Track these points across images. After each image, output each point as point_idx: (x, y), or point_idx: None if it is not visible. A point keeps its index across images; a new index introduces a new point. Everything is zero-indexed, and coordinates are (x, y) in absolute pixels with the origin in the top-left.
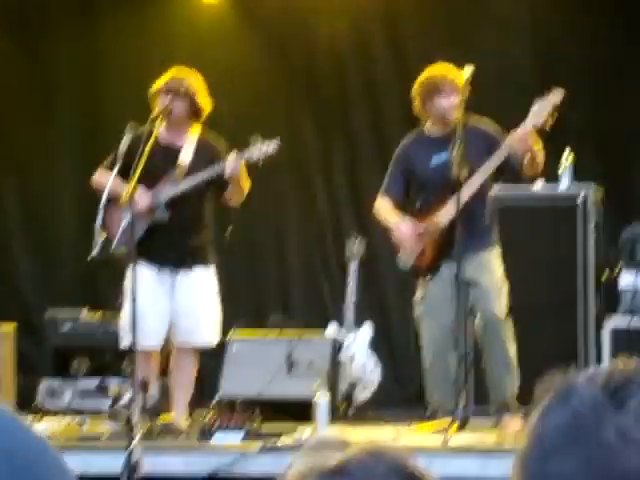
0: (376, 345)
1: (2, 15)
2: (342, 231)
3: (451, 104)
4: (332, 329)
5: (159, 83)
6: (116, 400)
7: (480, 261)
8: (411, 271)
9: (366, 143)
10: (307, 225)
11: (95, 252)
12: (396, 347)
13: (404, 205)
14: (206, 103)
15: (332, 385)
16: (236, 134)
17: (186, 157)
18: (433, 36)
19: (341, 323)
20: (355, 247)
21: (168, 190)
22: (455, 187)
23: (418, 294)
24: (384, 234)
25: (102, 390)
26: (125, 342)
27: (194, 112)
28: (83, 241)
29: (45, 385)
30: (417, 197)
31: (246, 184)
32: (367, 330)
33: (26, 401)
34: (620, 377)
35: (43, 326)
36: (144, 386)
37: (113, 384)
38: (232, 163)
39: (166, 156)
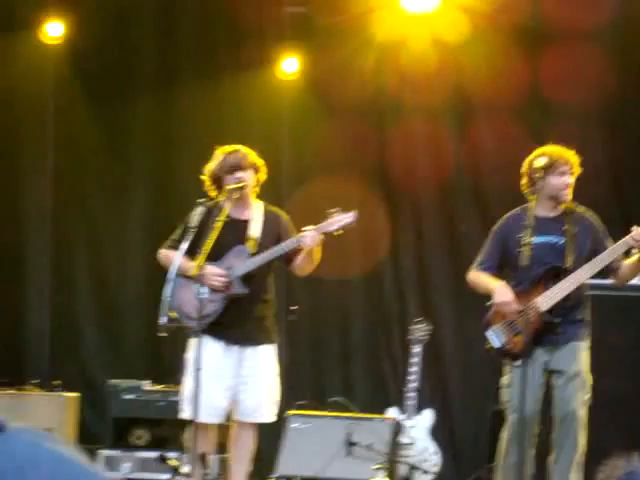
0: (437, 432)
1: (83, 80)
2: (407, 314)
3: (566, 183)
4: (393, 411)
5: (219, 163)
6: (175, 472)
7: (571, 351)
8: (499, 353)
9: (432, 227)
10: (372, 307)
11: (163, 321)
12: (457, 435)
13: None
14: (265, 171)
15: (391, 468)
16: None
17: (256, 230)
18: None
19: (402, 408)
20: (419, 331)
21: (243, 264)
22: (560, 273)
23: (505, 379)
24: (454, 308)
25: (161, 462)
26: (185, 414)
27: (256, 182)
28: (149, 313)
29: (104, 455)
30: (514, 276)
31: (318, 255)
32: (428, 416)
33: None
34: None
35: (105, 396)
36: (203, 459)
37: (172, 456)
38: (310, 235)
39: (233, 230)
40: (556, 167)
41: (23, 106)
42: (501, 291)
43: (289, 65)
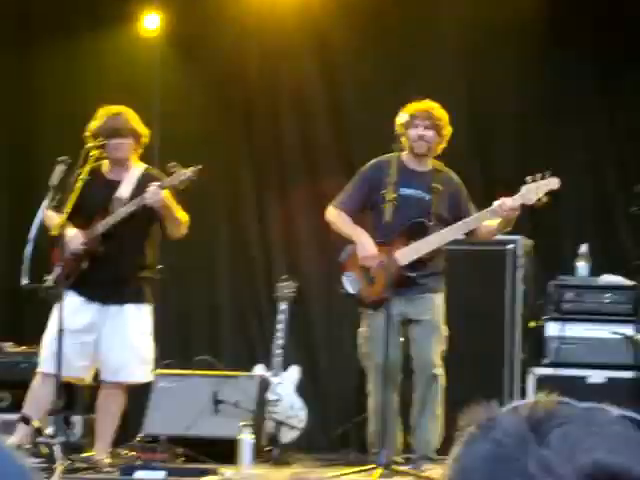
0: (303, 388)
1: None
2: (273, 272)
3: (418, 135)
4: (259, 369)
5: (95, 124)
6: (37, 434)
7: (427, 302)
8: (354, 299)
9: (299, 184)
10: (238, 265)
11: (25, 282)
12: (323, 391)
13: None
14: (145, 134)
15: (258, 425)
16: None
17: (124, 191)
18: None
19: (269, 365)
20: (285, 288)
21: (103, 223)
22: (424, 229)
23: (362, 327)
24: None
25: (23, 423)
26: (39, 367)
27: (135, 148)
28: (10, 274)
29: None
30: (377, 225)
31: (180, 214)
32: (294, 373)
33: None
34: (542, 410)
35: None
36: (26, 421)
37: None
38: (152, 191)
39: (104, 190)
40: (412, 121)
41: None
42: (364, 244)
43: (150, 21)
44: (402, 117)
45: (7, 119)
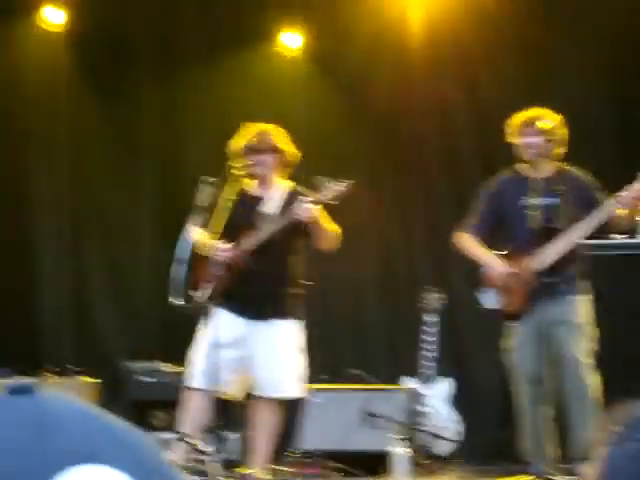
0: (458, 400)
1: (86, 66)
2: (420, 284)
3: (526, 143)
4: (410, 381)
5: (239, 141)
6: (194, 451)
7: (568, 304)
8: (497, 314)
9: (445, 197)
10: (384, 278)
11: (174, 300)
12: (479, 402)
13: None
14: (292, 154)
15: (410, 438)
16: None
17: (271, 207)
18: (511, 88)
19: (420, 377)
20: (433, 299)
21: (251, 240)
22: (552, 234)
23: (507, 342)
24: (468, 277)
25: (181, 441)
26: (188, 382)
27: (281, 164)
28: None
29: None
30: (508, 237)
31: (331, 226)
32: (447, 384)
33: None
34: None
35: (122, 379)
36: (182, 439)
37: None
38: (302, 205)
39: (252, 208)
40: (519, 130)
41: (29, 95)
42: (490, 262)
43: (292, 39)
44: (510, 127)
45: (154, 138)
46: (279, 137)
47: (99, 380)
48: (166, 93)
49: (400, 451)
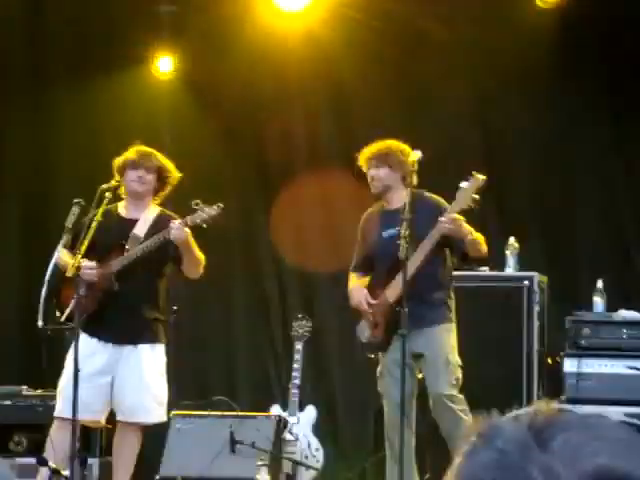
0: (319, 428)
1: None
2: (289, 311)
3: (372, 176)
4: (276, 409)
5: (125, 158)
6: (55, 475)
7: (427, 336)
8: (365, 347)
9: (314, 225)
10: (253, 306)
11: (41, 323)
12: (340, 429)
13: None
14: (171, 181)
15: (275, 465)
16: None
17: (141, 229)
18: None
19: (286, 405)
20: (301, 327)
21: (119, 261)
22: (399, 263)
23: (378, 369)
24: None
25: (41, 465)
26: (56, 412)
27: (159, 187)
28: (25, 317)
29: None
30: (373, 271)
31: (199, 254)
32: (311, 412)
33: None
34: (543, 417)
35: None
36: (43, 462)
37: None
38: (175, 226)
39: (121, 228)
40: (367, 163)
41: None
42: (352, 294)
43: (164, 64)
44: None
45: (23, 162)
46: (163, 159)
47: None
48: (38, 113)
49: (263, 478)
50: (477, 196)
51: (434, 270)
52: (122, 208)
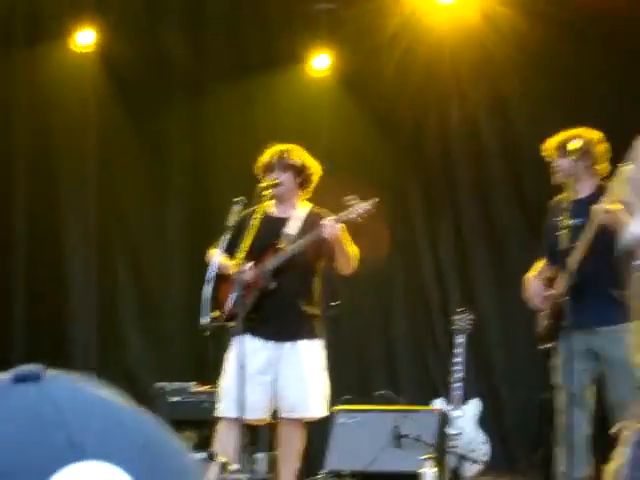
0: (485, 421)
1: (117, 89)
2: (449, 305)
3: (555, 166)
4: (439, 403)
5: (263, 160)
6: (224, 470)
7: (610, 336)
8: (540, 338)
9: (472, 219)
10: (414, 299)
11: (204, 321)
12: (505, 423)
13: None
14: (313, 173)
15: (440, 459)
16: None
17: (293, 228)
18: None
19: (449, 398)
20: (462, 321)
21: (274, 260)
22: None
23: (553, 361)
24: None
25: (210, 460)
26: (219, 411)
27: (301, 184)
28: (192, 315)
29: None
30: (552, 260)
31: (352, 249)
32: (475, 406)
33: None
34: None
35: (152, 399)
36: (213, 457)
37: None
38: (328, 224)
39: (272, 227)
40: (550, 154)
41: (61, 118)
42: (527, 287)
43: (320, 61)
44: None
45: (182, 160)
46: (299, 155)
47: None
48: (196, 112)
49: (430, 472)
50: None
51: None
52: (271, 207)
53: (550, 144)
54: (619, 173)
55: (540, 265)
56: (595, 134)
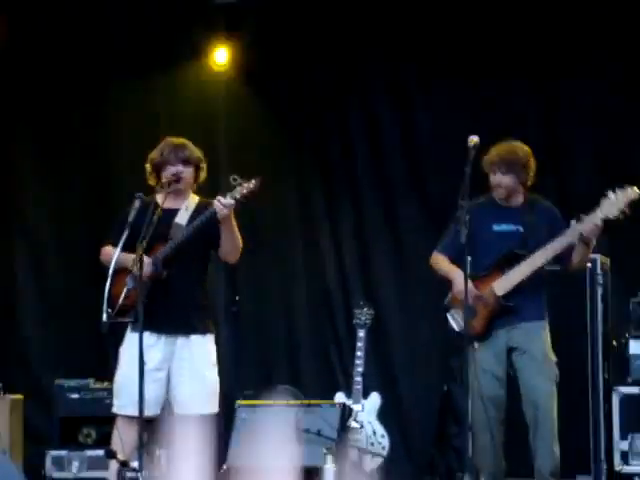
0: (385, 415)
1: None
2: (351, 299)
3: (494, 182)
4: (340, 397)
5: (161, 153)
6: (124, 467)
7: (529, 330)
8: (458, 335)
9: (373, 211)
10: (316, 293)
11: (104, 319)
12: (405, 417)
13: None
14: (204, 169)
15: (341, 453)
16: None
17: (183, 218)
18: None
19: (350, 392)
20: (363, 315)
21: (164, 249)
22: (516, 258)
23: (470, 362)
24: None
25: (109, 457)
26: (115, 408)
27: (195, 178)
28: (91, 310)
29: (52, 455)
30: (474, 261)
31: (238, 235)
32: (375, 399)
33: (34, 471)
34: None
35: (51, 396)
36: (111, 455)
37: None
38: (221, 202)
39: (165, 219)
40: (490, 167)
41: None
42: (458, 279)
43: (220, 56)
44: (485, 160)
45: (86, 158)
46: (196, 150)
47: (22, 396)
48: (97, 109)
49: (330, 466)
50: (627, 210)
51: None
52: (160, 199)
53: (490, 160)
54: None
55: (442, 258)
56: (527, 147)
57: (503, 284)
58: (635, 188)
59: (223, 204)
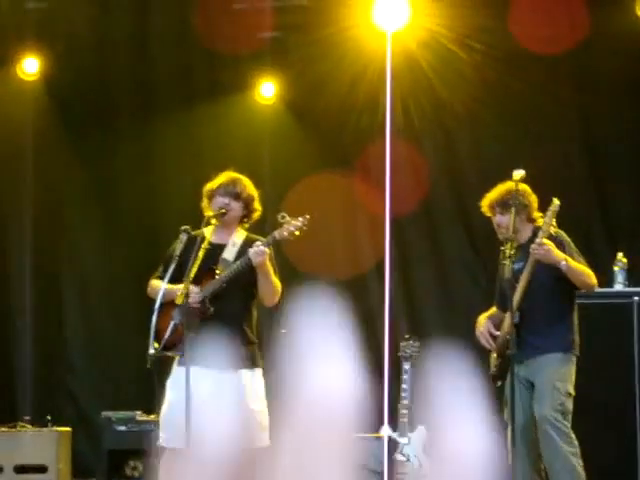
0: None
1: (63, 115)
2: (397, 332)
3: (497, 223)
4: (386, 430)
5: (214, 184)
6: None
7: (539, 363)
8: (492, 377)
9: (417, 240)
10: (360, 324)
11: (150, 352)
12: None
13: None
14: (258, 208)
15: None
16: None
17: (229, 254)
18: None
19: (396, 425)
20: (409, 347)
21: (211, 285)
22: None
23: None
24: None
25: None
26: (160, 441)
27: (245, 215)
28: (139, 344)
29: None
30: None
31: (275, 281)
32: (422, 433)
33: None
34: None
35: (98, 428)
36: None
37: None
38: (254, 250)
39: (211, 254)
40: (486, 213)
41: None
42: (478, 325)
43: (267, 89)
44: (482, 207)
45: (130, 193)
46: (250, 187)
47: (70, 429)
48: (137, 141)
49: None
50: (553, 221)
51: (548, 299)
52: (209, 234)
53: (487, 204)
54: (550, 209)
55: (493, 310)
56: (525, 186)
57: (507, 324)
58: (555, 200)
59: (256, 252)
